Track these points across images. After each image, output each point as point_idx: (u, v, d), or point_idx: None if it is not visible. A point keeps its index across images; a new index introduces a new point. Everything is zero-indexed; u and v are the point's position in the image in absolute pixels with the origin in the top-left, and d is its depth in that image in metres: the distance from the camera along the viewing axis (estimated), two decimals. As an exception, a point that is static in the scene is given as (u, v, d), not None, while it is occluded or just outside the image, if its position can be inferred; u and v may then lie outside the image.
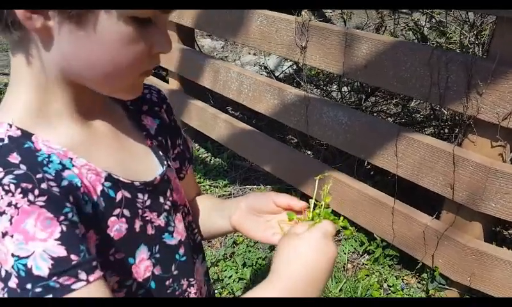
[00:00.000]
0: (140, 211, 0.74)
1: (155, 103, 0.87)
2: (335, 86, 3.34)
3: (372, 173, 2.81)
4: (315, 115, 2.34)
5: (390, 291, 2.20)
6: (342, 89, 3.18)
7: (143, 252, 0.75)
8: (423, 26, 2.99)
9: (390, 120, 3.10)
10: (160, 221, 0.78)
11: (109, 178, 0.70)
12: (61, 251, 0.56)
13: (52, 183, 0.60)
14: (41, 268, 0.54)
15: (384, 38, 2.02)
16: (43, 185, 0.59)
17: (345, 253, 2.43)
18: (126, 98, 0.76)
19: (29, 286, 0.54)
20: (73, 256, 0.57)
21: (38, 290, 0.54)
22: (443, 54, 1.82)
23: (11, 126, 0.64)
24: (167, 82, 3.48)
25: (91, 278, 0.57)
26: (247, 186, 3.09)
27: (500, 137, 1.75)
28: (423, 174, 1.99)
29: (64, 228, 0.57)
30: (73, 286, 0.56)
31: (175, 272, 0.81)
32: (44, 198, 0.57)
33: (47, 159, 0.64)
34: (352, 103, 3.13)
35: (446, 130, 2.81)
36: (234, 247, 2.59)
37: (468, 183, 1.85)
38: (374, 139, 2.14)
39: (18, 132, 0.64)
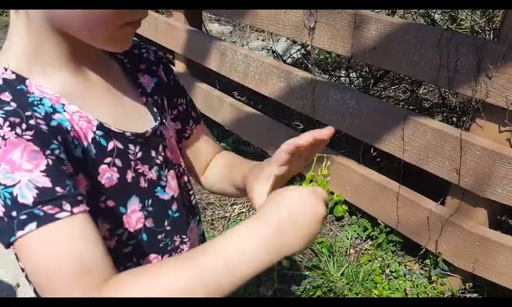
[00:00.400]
0: (133, 163, 0.75)
1: (152, 62, 0.87)
2: (343, 72, 3.31)
3: (378, 159, 2.79)
4: (322, 98, 2.32)
5: (392, 277, 2.19)
6: (350, 75, 3.14)
7: (134, 204, 0.75)
8: (434, 12, 2.96)
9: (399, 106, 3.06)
10: (152, 174, 0.78)
11: (100, 126, 0.70)
12: (46, 182, 0.57)
13: (40, 121, 0.61)
14: (26, 196, 0.55)
15: (394, 20, 1.99)
16: (31, 121, 0.59)
17: (348, 238, 2.41)
18: (112, 49, 0.73)
19: (14, 213, 0.55)
20: (58, 188, 0.57)
21: (23, 217, 0.55)
22: (453, 36, 1.79)
23: (6, 70, 0.66)
24: (173, 64, 3.46)
25: (75, 210, 0.58)
26: (251, 170, 3.07)
27: (509, 121, 1.72)
28: (429, 159, 1.96)
29: (50, 162, 0.58)
30: (57, 215, 0.56)
31: (168, 228, 0.81)
32: (31, 133, 0.58)
33: (38, 101, 0.64)
34: (361, 88, 3.10)
35: (454, 119, 2.78)
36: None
37: (474, 168, 1.82)
38: (381, 123, 2.11)
39: (13, 76, 0.65)
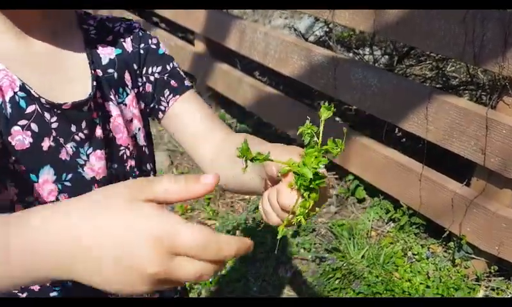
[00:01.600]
0: (54, 132, 0.72)
1: (120, 35, 0.84)
2: (367, 49, 3.23)
3: (402, 140, 2.72)
4: (344, 77, 2.26)
5: (414, 260, 2.14)
6: (374, 53, 3.06)
7: (47, 174, 0.73)
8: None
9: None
10: (68, 149, 0.75)
11: (23, 88, 0.69)
12: None
13: None
14: None
15: (417, -6, 1.91)
16: None
17: (369, 220, 2.37)
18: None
19: None
20: None
21: None
22: (479, 11, 1.71)
23: None
24: (193, 45, 3.42)
25: None
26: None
27: (538, 99, 1.65)
28: (454, 138, 1.89)
29: None
30: None
31: None
32: None
33: None
34: (386, 67, 3.01)
35: (484, 98, 2.67)
36: (256, 212, 2.55)
37: (500, 148, 1.75)
38: (404, 102, 2.05)
39: None
